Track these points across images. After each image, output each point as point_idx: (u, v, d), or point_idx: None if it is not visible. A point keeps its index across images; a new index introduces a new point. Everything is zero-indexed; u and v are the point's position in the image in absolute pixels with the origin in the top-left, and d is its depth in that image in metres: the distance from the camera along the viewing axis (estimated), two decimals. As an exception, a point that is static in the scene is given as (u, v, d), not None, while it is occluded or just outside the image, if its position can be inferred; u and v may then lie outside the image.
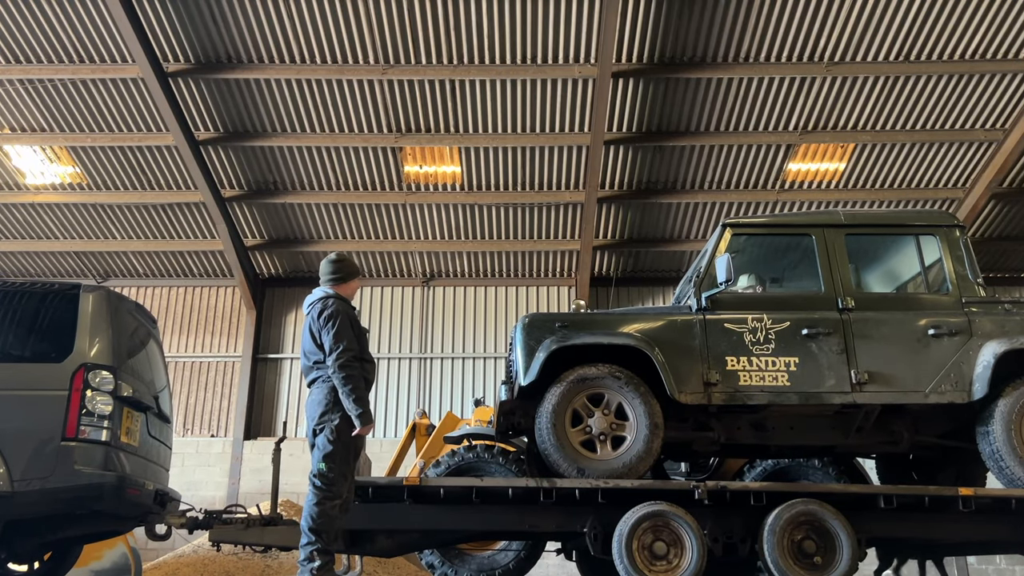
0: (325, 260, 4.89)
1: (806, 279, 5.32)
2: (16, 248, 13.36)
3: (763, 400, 4.87)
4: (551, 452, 4.77)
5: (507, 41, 10.21)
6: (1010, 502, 4.80)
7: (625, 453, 4.76)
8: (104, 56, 10.43)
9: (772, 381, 4.88)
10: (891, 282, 5.67)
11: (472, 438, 6.30)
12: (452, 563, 5.90)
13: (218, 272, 13.93)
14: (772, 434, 5.23)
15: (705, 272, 5.16)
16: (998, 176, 11.67)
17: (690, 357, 4.91)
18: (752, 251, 5.41)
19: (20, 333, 5.09)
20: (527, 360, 4.93)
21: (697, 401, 4.85)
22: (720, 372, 4.88)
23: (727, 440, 5.18)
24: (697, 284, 5.16)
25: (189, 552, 8.65)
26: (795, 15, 9.88)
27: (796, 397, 4.88)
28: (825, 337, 4.97)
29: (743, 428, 5.21)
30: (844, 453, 5.66)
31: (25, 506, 4.64)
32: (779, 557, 4.52)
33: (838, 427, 5.21)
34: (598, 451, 4.82)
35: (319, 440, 4.48)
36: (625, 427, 4.83)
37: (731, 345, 4.95)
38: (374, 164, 11.97)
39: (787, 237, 5.44)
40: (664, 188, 12.33)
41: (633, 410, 4.81)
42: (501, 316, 13.82)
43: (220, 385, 13.56)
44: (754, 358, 4.92)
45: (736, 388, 4.86)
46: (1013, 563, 11.73)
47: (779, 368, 4.91)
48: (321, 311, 4.64)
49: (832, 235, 5.29)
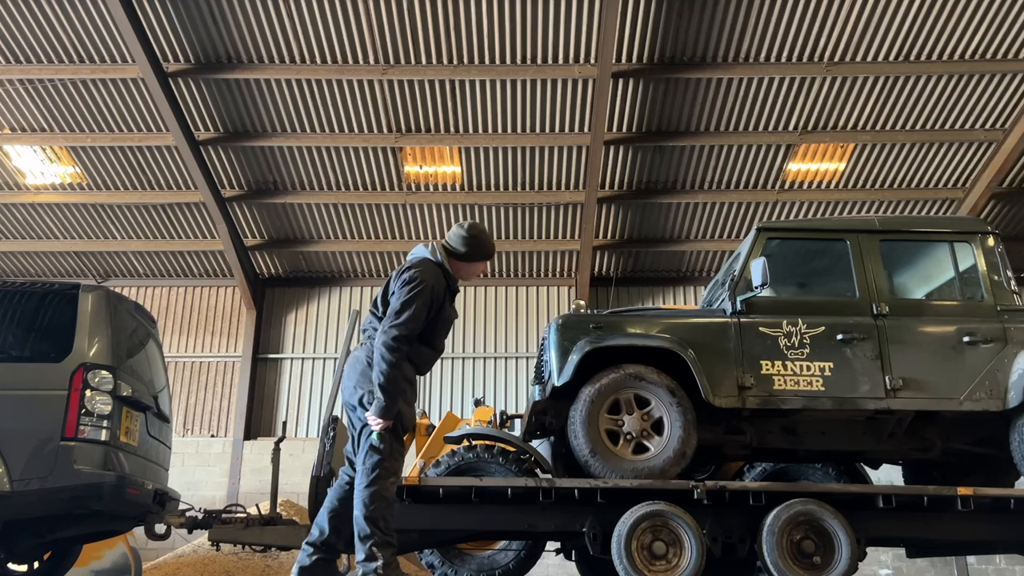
0: (463, 223, 4.28)
1: (840, 284, 5.31)
2: (16, 248, 13.37)
3: (797, 404, 4.87)
4: (584, 452, 4.76)
5: (507, 41, 10.21)
6: (1009, 502, 4.80)
7: (659, 455, 4.75)
8: (104, 56, 10.43)
9: (807, 386, 4.88)
10: (924, 288, 5.67)
11: (472, 438, 6.29)
12: (452, 563, 5.90)
13: (218, 272, 13.93)
14: (803, 439, 5.23)
15: (740, 276, 5.15)
16: (998, 176, 11.66)
17: (725, 360, 4.90)
18: (785, 255, 5.39)
19: (20, 333, 5.09)
20: (561, 361, 4.91)
21: (731, 404, 4.84)
22: (755, 376, 4.88)
23: (758, 444, 5.18)
24: (732, 288, 5.15)
25: (189, 552, 8.66)
26: (795, 15, 9.88)
27: (830, 402, 4.87)
28: (859, 343, 4.97)
29: (774, 432, 5.20)
30: (874, 459, 5.66)
31: (24, 506, 4.64)
32: (778, 557, 4.52)
33: (869, 433, 5.20)
34: (631, 452, 4.81)
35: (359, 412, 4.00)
36: (659, 429, 4.82)
37: (766, 349, 4.95)
38: (374, 164, 11.97)
39: (821, 242, 5.43)
40: (664, 188, 12.33)
41: (667, 412, 4.80)
42: (501, 316, 13.82)
43: (220, 385, 13.57)
44: (789, 362, 4.92)
45: (771, 392, 4.86)
46: (1013, 563, 11.72)
47: (813, 373, 4.91)
48: (408, 269, 4.03)
49: (867, 240, 5.28)
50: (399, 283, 4.02)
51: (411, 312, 3.91)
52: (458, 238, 4.22)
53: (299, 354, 13.69)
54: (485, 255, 4.28)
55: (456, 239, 4.23)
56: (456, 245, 4.22)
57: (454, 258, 4.22)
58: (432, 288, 4.00)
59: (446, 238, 4.28)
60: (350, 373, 4.13)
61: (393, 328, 3.89)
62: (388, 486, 3.92)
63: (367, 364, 4.05)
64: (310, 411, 13.35)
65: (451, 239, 4.24)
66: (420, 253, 4.19)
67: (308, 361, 13.63)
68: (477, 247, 4.23)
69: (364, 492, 3.87)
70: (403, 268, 4.09)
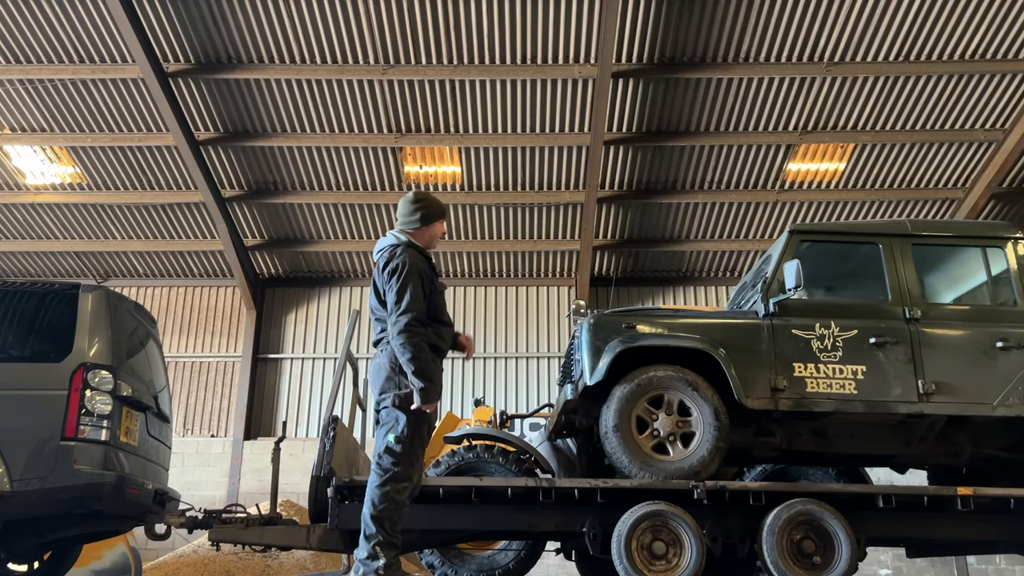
0: (403, 199, 4.31)
1: (872, 287, 5.30)
2: (16, 248, 13.37)
3: (830, 407, 4.85)
4: (616, 452, 4.75)
5: (507, 41, 10.21)
6: (1009, 502, 4.80)
7: (691, 455, 4.74)
8: (104, 56, 10.43)
9: (839, 389, 4.87)
10: (955, 292, 5.67)
11: (472, 438, 6.29)
12: (452, 563, 5.89)
13: (218, 272, 13.93)
14: (832, 441, 5.21)
15: (772, 278, 5.14)
16: (998, 176, 11.66)
17: (757, 362, 4.89)
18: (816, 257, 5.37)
19: (20, 333, 5.09)
20: (593, 360, 4.89)
21: (764, 406, 4.83)
22: (787, 378, 4.86)
23: (788, 447, 5.17)
24: (764, 289, 5.14)
25: (189, 552, 8.66)
26: (795, 15, 9.88)
27: (862, 405, 4.86)
28: (892, 346, 4.96)
29: (804, 435, 5.19)
30: (901, 464, 5.66)
31: (24, 506, 4.63)
32: (778, 557, 4.52)
33: (899, 437, 5.19)
34: (663, 452, 4.80)
35: (383, 414, 4.00)
36: (691, 430, 4.81)
37: (799, 351, 4.93)
38: (374, 164, 11.97)
39: (853, 245, 5.42)
40: (664, 188, 12.33)
41: (700, 413, 4.79)
42: (501, 316, 13.82)
43: (220, 385, 13.57)
44: (821, 365, 4.91)
45: (803, 394, 4.85)
46: (1013, 563, 11.72)
47: (846, 376, 4.90)
48: (387, 262, 4.05)
49: (899, 245, 5.28)
50: (384, 277, 4.04)
51: (409, 295, 3.94)
52: (409, 211, 4.26)
53: (299, 354, 13.69)
54: (439, 213, 4.31)
55: (407, 213, 4.26)
56: (411, 218, 4.25)
57: (414, 231, 4.24)
58: (416, 266, 4.04)
59: (397, 220, 4.31)
60: (374, 380, 4.12)
61: (401, 316, 3.91)
62: (400, 489, 3.91)
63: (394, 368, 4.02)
64: (310, 411, 13.35)
65: (403, 216, 4.27)
66: (387, 242, 4.22)
67: (308, 361, 13.63)
68: (428, 209, 4.26)
69: (375, 491, 3.86)
70: (381, 263, 4.11)
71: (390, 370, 4.02)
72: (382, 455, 3.92)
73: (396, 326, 3.91)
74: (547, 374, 13.51)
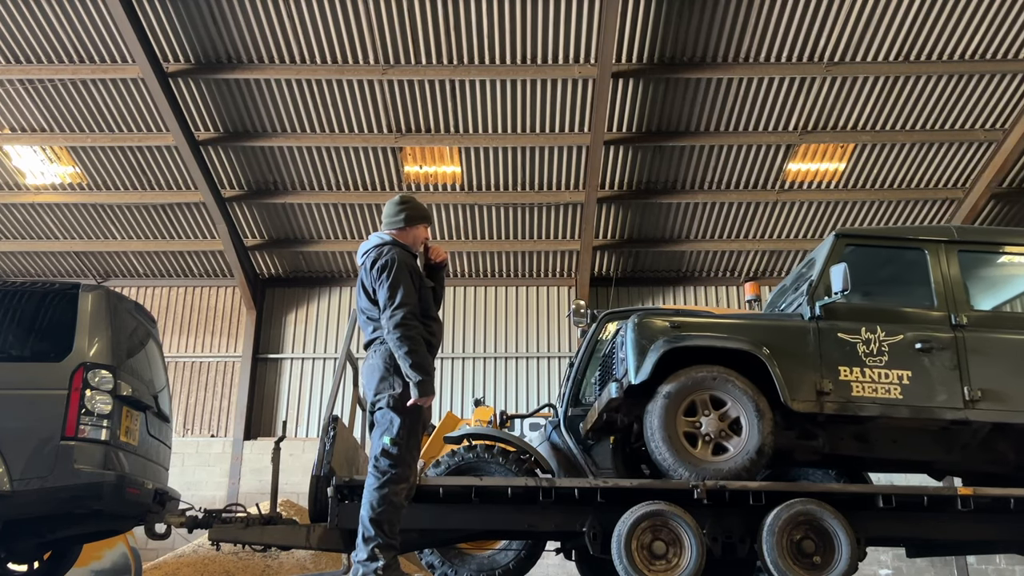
0: (389, 201, 4.38)
1: (916, 293, 5.30)
2: (16, 248, 13.37)
3: (875, 412, 4.85)
4: (660, 451, 4.75)
5: (507, 41, 10.21)
6: (1009, 502, 4.79)
7: (736, 456, 4.74)
8: (104, 56, 10.43)
9: (885, 393, 4.87)
10: (1000, 299, 5.68)
11: (472, 438, 6.29)
12: (452, 563, 5.90)
13: (218, 272, 13.94)
14: (874, 446, 5.21)
15: (819, 281, 5.14)
16: (998, 176, 11.67)
17: (803, 365, 4.89)
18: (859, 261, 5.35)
19: (20, 333, 5.09)
20: (639, 359, 4.88)
21: (809, 409, 4.82)
22: (833, 381, 4.86)
23: (830, 450, 5.16)
24: (810, 293, 5.14)
25: (189, 552, 8.66)
26: (795, 15, 9.88)
27: (908, 410, 4.86)
28: (938, 352, 4.96)
29: (846, 439, 5.18)
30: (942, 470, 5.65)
31: (24, 505, 4.63)
32: (778, 557, 4.51)
33: (941, 443, 5.19)
34: (708, 453, 4.80)
35: (378, 415, 4.01)
36: (736, 431, 4.81)
37: (844, 355, 4.93)
38: (374, 164, 11.97)
39: (898, 250, 5.41)
40: (664, 188, 12.33)
41: (745, 414, 4.78)
42: (501, 316, 13.82)
43: (220, 385, 13.57)
44: (867, 369, 4.91)
45: (849, 398, 4.84)
46: (1013, 563, 11.73)
47: (892, 381, 4.90)
48: (375, 260, 4.07)
49: (946, 251, 5.28)
50: (373, 275, 4.06)
51: (403, 289, 3.97)
52: (394, 212, 4.31)
53: (299, 354, 13.69)
54: (423, 216, 4.36)
55: (392, 214, 4.32)
56: (395, 219, 4.30)
57: (398, 231, 4.30)
58: (404, 260, 4.07)
59: (383, 221, 4.37)
60: (368, 381, 4.13)
61: (396, 311, 3.92)
62: (398, 491, 3.91)
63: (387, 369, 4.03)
64: (310, 411, 13.35)
65: (388, 217, 4.33)
66: (372, 243, 4.25)
67: (308, 361, 13.64)
68: (412, 211, 4.31)
69: (373, 494, 3.86)
70: (368, 262, 4.12)
71: (384, 371, 4.03)
72: (379, 457, 3.93)
73: (392, 320, 3.92)
74: (547, 374, 13.51)
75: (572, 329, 13.27)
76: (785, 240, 13.21)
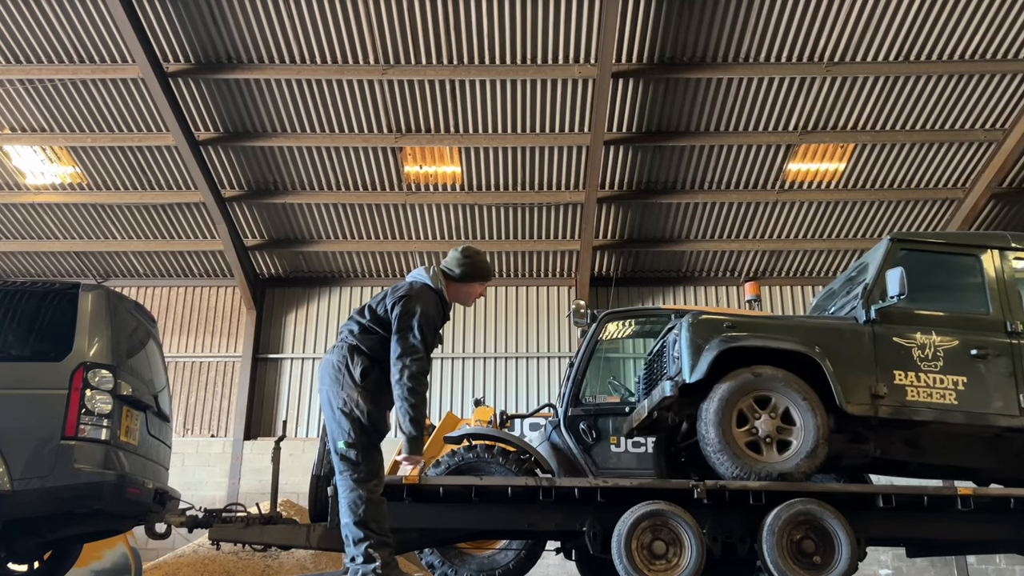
0: (458, 248, 4.29)
1: (972, 299, 5.30)
2: (16, 248, 13.37)
3: (929, 416, 4.85)
4: (715, 450, 4.74)
5: (507, 41, 10.21)
6: (1009, 502, 4.80)
7: (791, 458, 4.73)
8: (104, 56, 10.43)
9: (939, 398, 4.87)
10: None
11: (472, 438, 6.29)
12: (452, 563, 5.90)
13: (218, 272, 13.93)
14: (924, 451, 5.20)
15: (874, 285, 5.14)
16: (998, 176, 11.66)
17: (858, 368, 4.90)
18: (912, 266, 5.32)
19: (20, 332, 5.09)
20: (694, 358, 4.89)
21: (864, 412, 4.82)
22: (888, 385, 4.86)
23: (881, 455, 5.15)
24: (865, 296, 5.14)
25: (189, 551, 8.66)
26: (795, 15, 9.88)
27: (962, 416, 4.86)
28: (994, 359, 4.96)
29: (896, 443, 5.17)
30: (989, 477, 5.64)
31: (25, 505, 4.64)
32: (778, 556, 4.52)
33: (993, 450, 5.19)
34: (763, 453, 4.79)
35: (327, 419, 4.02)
36: (791, 432, 4.80)
37: (899, 359, 4.94)
38: (374, 164, 11.97)
39: (952, 256, 5.41)
40: (664, 188, 12.33)
41: (800, 416, 4.77)
42: (501, 316, 13.82)
43: (220, 385, 13.57)
44: (922, 374, 4.91)
45: (903, 403, 4.85)
46: (1013, 563, 11.72)
47: (946, 386, 4.90)
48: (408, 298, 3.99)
49: (1001, 257, 5.28)
50: (399, 309, 3.99)
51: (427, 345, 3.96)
52: (454, 260, 4.25)
53: (299, 354, 13.69)
54: (481, 275, 4.28)
55: (452, 261, 4.26)
56: (452, 267, 4.24)
57: (451, 280, 4.23)
58: (433, 317, 4.03)
59: (443, 262, 4.30)
60: (324, 379, 4.09)
61: (413, 363, 3.89)
62: (371, 488, 3.87)
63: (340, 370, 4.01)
64: (310, 411, 13.35)
65: (447, 262, 4.27)
66: (420, 278, 4.17)
67: (308, 361, 13.64)
68: (472, 267, 4.24)
69: (349, 497, 3.84)
70: (403, 293, 4.05)
71: (335, 370, 4.00)
72: (340, 465, 3.90)
73: (407, 370, 3.88)
74: (547, 374, 13.51)
75: (572, 329, 13.27)
76: (785, 240, 13.21)
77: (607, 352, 10.59)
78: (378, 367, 4.03)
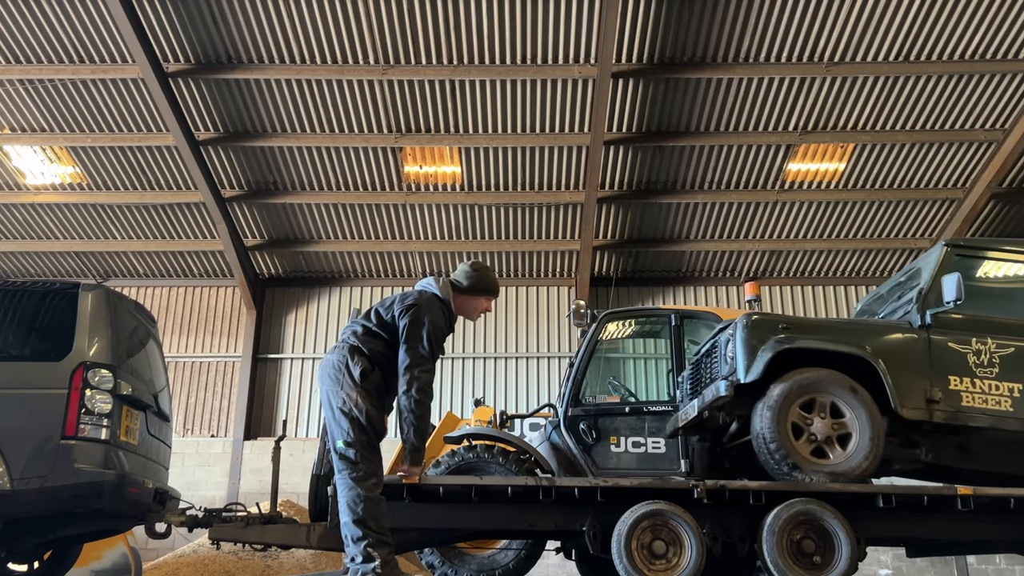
0: (468, 262, 4.44)
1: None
2: (16, 248, 13.37)
3: (984, 423, 4.83)
4: (770, 452, 4.72)
5: (507, 41, 10.21)
6: (1009, 502, 4.79)
7: (848, 460, 4.71)
8: (104, 56, 10.43)
9: (995, 405, 4.85)
10: None
11: (472, 438, 6.29)
12: (452, 563, 5.90)
13: (218, 272, 13.94)
14: (976, 458, 5.18)
15: (929, 289, 5.12)
16: (998, 176, 11.67)
17: (914, 372, 4.87)
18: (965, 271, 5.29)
19: (19, 332, 5.09)
20: (749, 358, 4.87)
21: (918, 417, 4.80)
22: (943, 390, 4.84)
23: (932, 460, 5.12)
24: (921, 301, 5.12)
25: (189, 551, 8.66)
26: (795, 15, 9.88)
27: (1018, 423, 4.85)
28: None
29: (948, 449, 5.14)
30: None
31: (25, 504, 4.64)
32: (778, 556, 4.51)
33: None
34: (817, 455, 4.78)
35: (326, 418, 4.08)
36: (846, 435, 4.78)
37: (955, 365, 4.91)
38: (374, 164, 11.97)
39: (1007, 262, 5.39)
40: (664, 188, 12.33)
41: (857, 419, 4.75)
42: (501, 316, 13.81)
43: (220, 385, 13.57)
44: (977, 380, 4.89)
45: (958, 408, 4.82)
46: (1013, 563, 11.72)
47: (1002, 393, 4.88)
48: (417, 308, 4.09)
49: None
50: (408, 319, 4.06)
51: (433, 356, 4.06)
52: (463, 272, 4.37)
53: (299, 354, 13.69)
54: (488, 289, 4.39)
55: (461, 273, 4.37)
56: (461, 279, 4.35)
57: (458, 292, 4.33)
58: (441, 328, 4.14)
59: (452, 274, 4.40)
60: (324, 378, 4.14)
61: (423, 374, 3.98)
62: (370, 486, 3.91)
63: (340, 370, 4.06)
64: (310, 411, 13.35)
65: (456, 274, 4.38)
66: (429, 288, 4.26)
67: (308, 361, 13.64)
68: (481, 280, 4.35)
69: (348, 496, 3.87)
70: (412, 302, 4.12)
71: (336, 369, 4.05)
72: (339, 464, 3.94)
73: (416, 382, 3.97)
74: (547, 374, 13.51)
75: (572, 329, 13.27)
76: (785, 240, 13.21)
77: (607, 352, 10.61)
78: (379, 369, 4.08)
